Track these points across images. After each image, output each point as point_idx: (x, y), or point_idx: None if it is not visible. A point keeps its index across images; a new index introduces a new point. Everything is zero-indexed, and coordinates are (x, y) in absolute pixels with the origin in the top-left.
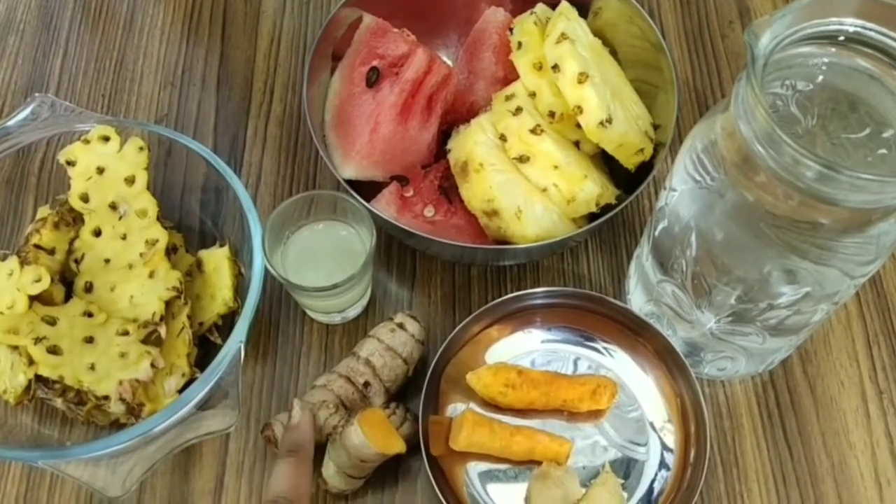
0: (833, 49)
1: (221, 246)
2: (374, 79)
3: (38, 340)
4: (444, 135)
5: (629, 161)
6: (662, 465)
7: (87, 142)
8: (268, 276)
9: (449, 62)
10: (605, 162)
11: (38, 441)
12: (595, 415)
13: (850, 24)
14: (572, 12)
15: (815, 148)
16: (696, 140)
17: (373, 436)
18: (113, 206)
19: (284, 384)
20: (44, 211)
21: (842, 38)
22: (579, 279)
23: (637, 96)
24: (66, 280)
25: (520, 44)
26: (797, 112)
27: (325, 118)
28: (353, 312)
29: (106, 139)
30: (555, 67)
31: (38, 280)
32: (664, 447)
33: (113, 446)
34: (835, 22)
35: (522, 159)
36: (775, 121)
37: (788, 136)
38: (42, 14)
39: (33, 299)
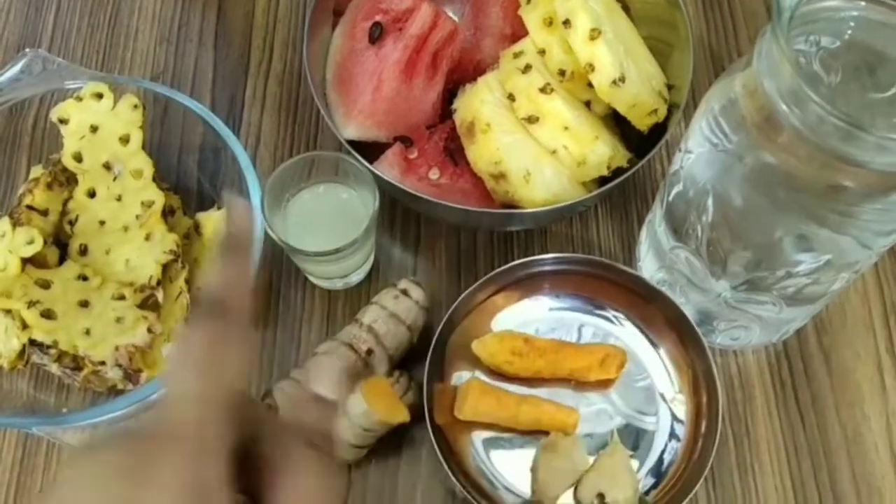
0: (863, 2)
1: (220, 208)
2: (377, 35)
3: (31, 304)
4: (449, 94)
5: (642, 122)
6: (672, 435)
7: (79, 99)
8: (268, 241)
9: (455, 18)
10: (616, 124)
11: (34, 407)
12: (603, 384)
13: None
14: None
15: (841, 106)
16: (714, 100)
17: (376, 404)
18: (107, 166)
19: (285, 351)
20: (37, 171)
21: None
22: (589, 245)
23: (650, 55)
24: (60, 242)
25: None
26: (820, 70)
27: (326, 76)
28: (355, 278)
29: (99, 96)
30: (566, 23)
31: (31, 242)
32: (674, 418)
33: (110, 413)
34: None
35: (531, 120)
36: (802, 76)
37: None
38: None
39: (26, 262)
